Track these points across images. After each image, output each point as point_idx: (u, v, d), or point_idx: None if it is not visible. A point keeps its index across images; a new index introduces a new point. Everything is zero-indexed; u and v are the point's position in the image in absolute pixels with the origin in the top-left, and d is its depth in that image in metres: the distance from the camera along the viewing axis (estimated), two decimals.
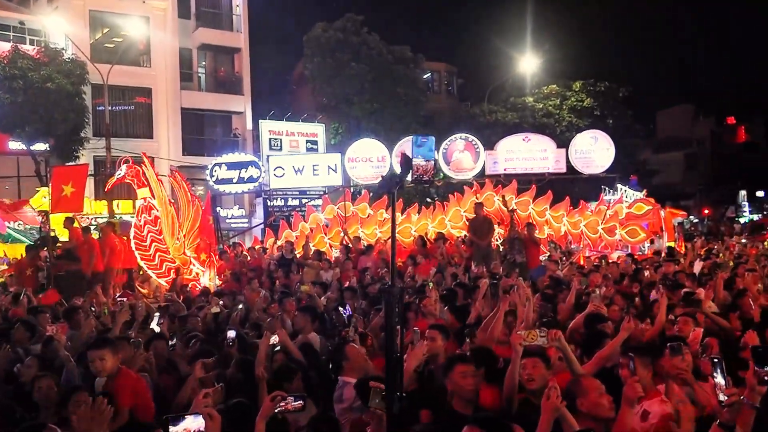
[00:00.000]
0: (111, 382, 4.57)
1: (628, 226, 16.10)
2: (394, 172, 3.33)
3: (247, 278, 11.96)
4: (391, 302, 2.67)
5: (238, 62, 29.75)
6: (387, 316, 2.74)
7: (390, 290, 2.70)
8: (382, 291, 2.77)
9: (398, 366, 2.66)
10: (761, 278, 9.84)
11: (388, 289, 2.71)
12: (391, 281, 2.79)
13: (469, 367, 4.14)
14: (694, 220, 47.41)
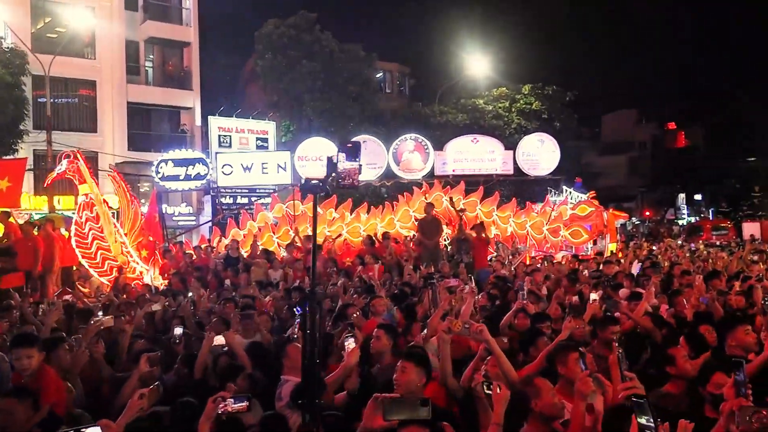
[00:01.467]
0: (34, 379, 4.55)
1: (571, 227, 16.50)
2: (338, 167, 3.29)
3: (193, 277, 11.79)
4: (314, 307, 2.66)
5: (188, 56, 29.18)
6: (309, 321, 2.71)
7: (311, 295, 2.69)
8: (304, 296, 2.77)
9: (316, 372, 2.65)
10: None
11: (309, 294, 2.70)
12: (311, 286, 2.78)
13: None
14: (636, 222, 48.90)
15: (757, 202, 44.67)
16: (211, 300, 9.22)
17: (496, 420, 3.40)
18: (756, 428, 2.27)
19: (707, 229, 35.39)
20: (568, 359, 4.10)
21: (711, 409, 3.68)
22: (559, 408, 3.56)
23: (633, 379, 2.79)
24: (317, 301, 2.72)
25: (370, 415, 2.87)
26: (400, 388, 3.91)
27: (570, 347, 4.26)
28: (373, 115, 31.20)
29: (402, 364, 4.04)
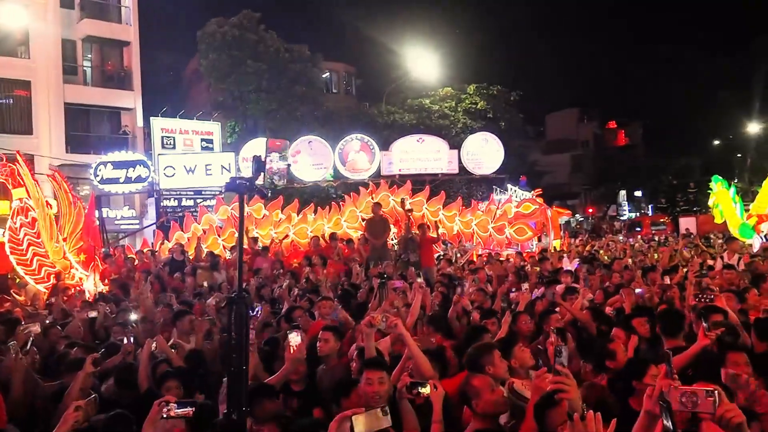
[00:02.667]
0: None
1: (516, 225, 16.80)
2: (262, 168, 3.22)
3: (135, 282, 11.51)
4: (241, 312, 2.62)
5: (128, 56, 28.40)
6: (235, 327, 2.65)
7: (237, 300, 2.66)
8: (230, 301, 2.72)
9: (242, 379, 2.61)
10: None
11: (235, 298, 2.67)
12: (238, 290, 2.75)
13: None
14: (579, 219, 50.17)
15: (693, 197, 46.43)
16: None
17: (436, 418, 3.44)
18: (689, 408, 2.37)
19: (646, 224, 36.61)
20: (493, 358, 4.15)
21: (639, 402, 3.77)
22: (501, 403, 3.56)
23: (567, 375, 2.83)
24: (244, 305, 2.69)
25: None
26: (381, 399, 3.84)
27: (490, 346, 4.30)
28: (320, 115, 31.08)
29: (379, 375, 3.99)
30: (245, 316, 2.65)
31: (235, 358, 2.56)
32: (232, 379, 2.59)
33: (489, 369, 4.06)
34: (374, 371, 3.99)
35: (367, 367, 4.09)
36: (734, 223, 20.14)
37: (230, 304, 2.67)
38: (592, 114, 64.09)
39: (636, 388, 3.87)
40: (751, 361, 4.29)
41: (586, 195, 57.25)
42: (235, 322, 2.62)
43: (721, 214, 21.68)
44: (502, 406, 3.54)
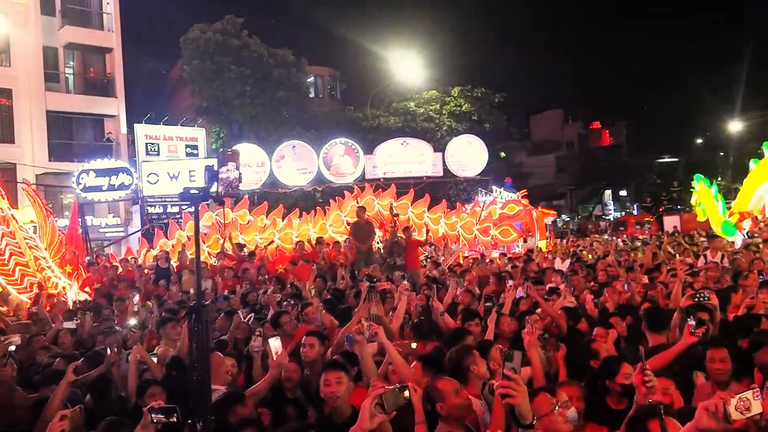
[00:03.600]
0: None
1: (501, 227, 16.88)
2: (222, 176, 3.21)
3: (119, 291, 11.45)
4: (202, 321, 2.61)
5: (110, 63, 28.23)
6: (196, 336, 2.64)
7: (198, 308, 2.64)
8: (190, 310, 2.71)
9: (205, 387, 2.60)
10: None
11: (195, 307, 2.65)
12: (197, 299, 2.74)
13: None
14: (566, 219, 50.44)
15: (676, 196, 46.82)
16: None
17: (419, 419, 3.45)
18: (745, 414, 2.41)
19: (631, 223, 36.85)
20: (475, 359, 4.17)
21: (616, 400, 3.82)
22: (465, 407, 3.55)
23: (515, 381, 2.83)
24: (206, 314, 2.67)
25: (369, 416, 2.81)
26: (336, 399, 3.88)
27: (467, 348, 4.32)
28: (305, 119, 31.05)
29: (336, 375, 4.00)
30: (206, 325, 2.64)
31: (198, 367, 2.54)
32: (196, 388, 2.57)
33: (473, 369, 4.08)
34: (332, 372, 4.00)
35: (325, 369, 4.10)
36: (716, 220, 20.36)
37: (190, 313, 2.66)
38: (576, 115, 64.48)
39: (610, 387, 3.91)
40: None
41: (572, 195, 57.58)
42: (196, 331, 2.60)
43: (704, 212, 21.92)
44: (466, 410, 3.54)
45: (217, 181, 3.07)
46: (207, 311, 2.67)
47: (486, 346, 4.75)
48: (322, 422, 4.06)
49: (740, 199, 20.39)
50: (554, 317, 6.57)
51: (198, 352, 2.58)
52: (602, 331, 5.83)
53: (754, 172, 19.29)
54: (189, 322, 2.66)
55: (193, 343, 2.61)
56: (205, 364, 2.57)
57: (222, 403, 4.25)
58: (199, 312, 2.64)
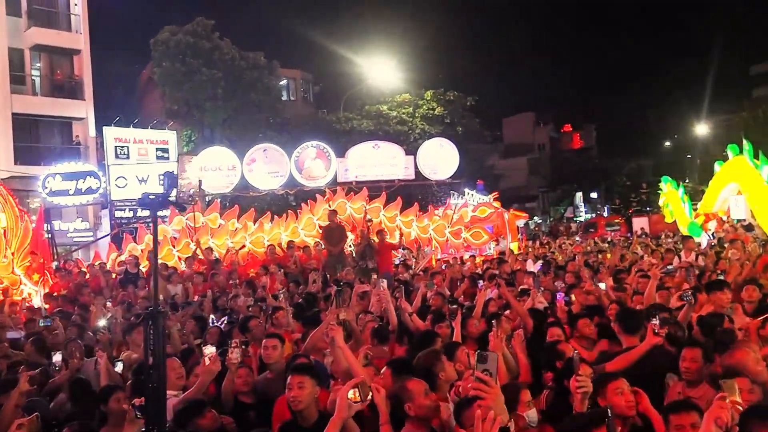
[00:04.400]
0: None
1: (472, 229, 16.97)
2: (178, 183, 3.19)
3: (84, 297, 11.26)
4: (158, 327, 2.58)
5: (78, 65, 27.78)
6: (152, 342, 2.61)
7: (154, 314, 2.61)
8: (146, 316, 2.68)
9: (160, 395, 2.57)
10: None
11: (152, 313, 2.62)
12: (153, 305, 2.71)
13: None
14: (538, 221, 50.93)
15: (645, 198, 47.57)
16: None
17: (383, 420, 3.47)
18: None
19: (601, 225, 37.33)
20: (443, 363, 4.19)
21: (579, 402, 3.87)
22: (433, 409, 3.57)
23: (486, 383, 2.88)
24: (162, 319, 2.65)
25: (347, 404, 2.93)
26: (300, 404, 3.85)
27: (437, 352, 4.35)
28: (277, 122, 30.90)
29: (299, 380, 3.97)
30: (162, 331, 2.61)
31: (152, 374, 2.51)
32: (151, 395, 2.54)
33: (441, 375, 4.10)
34: (295, 376, 3.97)
35: (290, 372, 4.08)
36: (683, 222, 20.75)
37: (146, 319, 2.63)
38: (547, 118, 65.26)
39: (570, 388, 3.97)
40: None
41: (544, 197, 58.18)
42: (152, 337, 2.57)
43: (671, 213, 22.33)
44: (434, 412, 3.57)
45: (176, 187, 3.05)
46: (163, 317, 2.63)
47: (453, 348, 4.78)
48: (288, 426, 4.04)
49: (706, 200, 20.82)
50: (523, 317, 6.66)
51: (154, 359, 2.55)
52: (557, 332, 5.94)
53: (719, 174, 19.70)
54: (145, 329, 2.62)
55: (149, 349, 2.58)
56: (161, 371, 2.54)
57: (183, 413, 4.21)
58: (156, 318, 2.61)
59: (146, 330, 2.62)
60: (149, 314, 2.65)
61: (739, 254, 10.33)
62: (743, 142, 17.64)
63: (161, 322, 2.63)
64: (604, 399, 3.63)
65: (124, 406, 4.26)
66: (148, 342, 2.62)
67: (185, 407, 4.23)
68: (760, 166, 16.47)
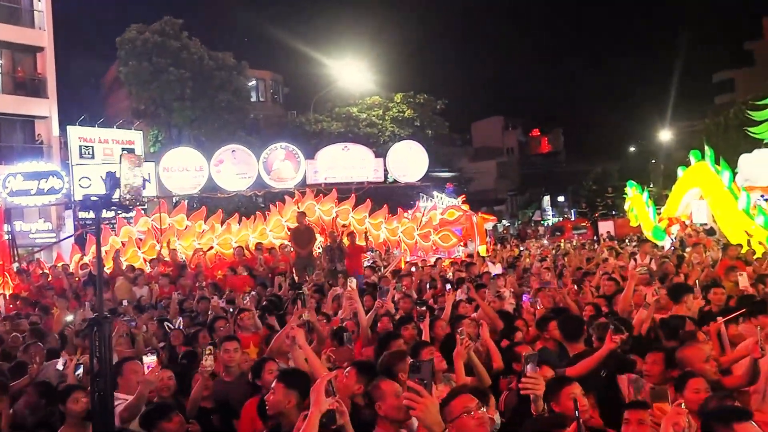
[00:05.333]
0: None
1: (441, 232, 17.05)
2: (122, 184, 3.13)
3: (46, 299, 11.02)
4: (103, 334, 2.53)
5: (41, 62, 27.16)
6: (98, 349, 2.54)
7: (100, 321, 2.55)
8: (92, 322, 2.63)
9: (107, 402, 2.51)
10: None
11: (97, 319, 2.56)
12: (99, 312, 2.66)
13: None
14: (506, 224, 51.36)
15: (611, 202, 48.34)
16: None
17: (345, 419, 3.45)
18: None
19: (568, 228, 37.80)
20: (405, 365, 4.18)
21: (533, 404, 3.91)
22: (404, 410, 3.56)
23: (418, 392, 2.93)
24: (107, 326, 2.59)
25: (323, 398, 3.02)
26: (271, 409, 3.80)
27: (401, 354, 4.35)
28: (246, 123, 30.64)
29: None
30: (108, 338, 2.55)
31: (99, 381, 2.45)
32: (97, 403, 2.48)
33: (401, 376, 4.09)
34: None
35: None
36: (648, 225, 21.12)
37: (92, 326, 2.57)
38: (516, 122, 65.92)
39: None
40: None
41: (512, 201, 58.74)
42: (98, 344, 2.51)
43: (636, 217, 22.71)
44: (404, 413, 3.55)
45: (119, 187, 2.99)
46: (109, 324, 2.57)
47: (417, 348, 4.79)
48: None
49: (669, 205, 21.21)
50: (493, 320, 6.72)
51: (100, 366, 2.49)
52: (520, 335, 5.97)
53: (682, 179, 20.09)
54: (90, 336, 2.56)
55: (95, 356, 2.51)
56: (106, 378, 2.48)
57: (149, 415, 4.14)
58: (101, 324, 2.55)
59: (91, 337, 2.56)
60: (94, 321, 2.59)
61: (699, 258, 10.57)
62: (705, 148, 18.02)
63: (106, 328, 2.56)
64: (557, 404, 3.67)
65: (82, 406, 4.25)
66: (93, 349, 2.55)
67: (152, 409, 4.16)
68: (721, 171, 16.84)
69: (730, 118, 33.30)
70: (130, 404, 4.13)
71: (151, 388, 4.25)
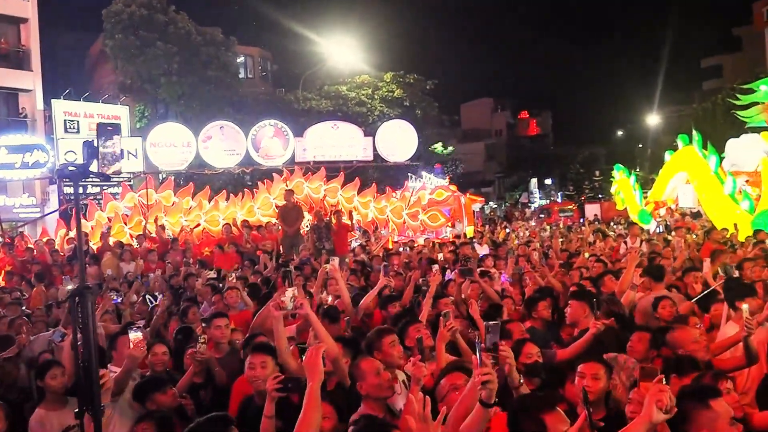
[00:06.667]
0: None
1: (429, 212, 17.07)
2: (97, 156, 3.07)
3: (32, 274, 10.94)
4: (86, 305, 2.48)
5: (25, 34, 26.65)
6: (81, 320, 2.51)
7: (82, 292, 2.50)
8: (73, 294, 2.58)
9: (92, 373, 2.48)
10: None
11: (78, 290, 2.52)
12: (81, 283, 2.61)
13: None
14: (493, 206, 51.56)
15: (598, 185, 48.61)
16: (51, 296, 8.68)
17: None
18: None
19: (555, 211, 38.09)
20: (382, 344, 4.18)
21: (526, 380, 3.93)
22: (384, 388, 3.56)
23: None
24: (90, 297, 2.55)
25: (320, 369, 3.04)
26: (260, 383, 3.84)
27: (383, 331, 4.34)
28: (234, 100, 30.33)
29: (261, 359, 4.03)
30: (91, 309, 2.52)
31: (83, 353, 2.42)
32: (83, 375, 2.45)
33: (377, 355, 4.10)
34: (257, 355, 4.05)
35: (252, 351, 4.12)
36: (634, 209, 21.28)
37: (73, 296, 2.53)
38: (505, 104, 65.86)
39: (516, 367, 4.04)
40: None
41: (500, 183, 58.87)
42: (81, 315, 2.48)
43: (623, 201, 22.88)
44: (386, 391, 3.56)
45: (97, 158, 2.94)
46: (92, 295, 2.54)
47: (405, 325, 4.79)
48: (247, 404, 4.03)
49: (656, 189, 21.38)
50: (493, 299, 6.82)
51: (84, 337, 2.45)
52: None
53: (669, 163, 20.23)
54: (72, 307, 2.52)
55: (78, 328, 2.47)
56: (90, 350, 2.45)
57: (143, 387, 4.14)
58: (83, 296, 2.51)
59: (74, 308, 2.52)
60: (75, 292, 2.55)
61: (682, 242, 10.69)
62: (693, 133, 18.12)
63: (89, 299, 2.53)
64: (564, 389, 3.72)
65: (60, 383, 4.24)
66: (76, 320, 2.51)
67: (146, 381, 4.17)
68: (708, 156, 16.96)
69: (717, 103, 33.47)
70: (116, 378, 4.13)
71: (136, 363, 4.25)
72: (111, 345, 4.97)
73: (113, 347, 4.88)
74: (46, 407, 4.34)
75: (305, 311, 4.28)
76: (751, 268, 7.55)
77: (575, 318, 5.44)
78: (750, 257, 8.72)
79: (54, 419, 4.22)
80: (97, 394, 2.47)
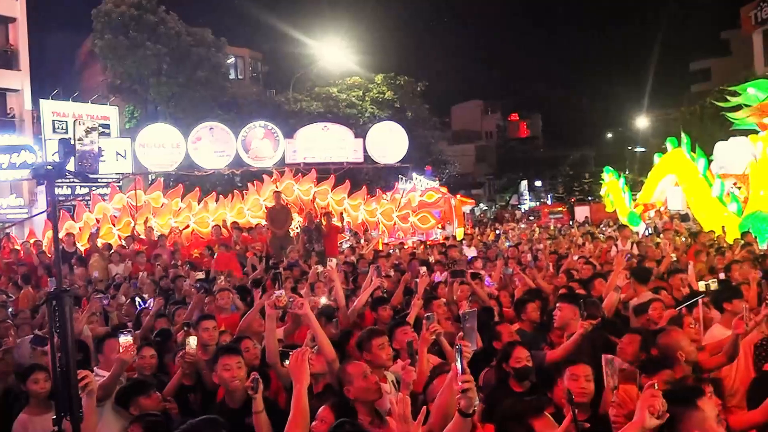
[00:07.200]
0: None
1: (419, 214, 17.08)
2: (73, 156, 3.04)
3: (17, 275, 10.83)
4: (63, 307, 2.44)
5: (14, 33, 26.45)
6: (58, 324, 2.47)
7: (59, 294, 2.47)
8: (50, 296, 2.55)
9: (69, 378, 2.43)
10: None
11: (56, 293, 2.48)
12: (58, 285, 2.57)
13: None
14: (483, 208, 51.68)
15: (587, 187, 48.82)
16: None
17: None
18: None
19: (545, 213, 38.20)
20: (371, 345, 4.17)
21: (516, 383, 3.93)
22: (372, 391, 3.55)
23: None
24: (67, 300, 2.51)
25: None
26: (235, 383, 3.91)
27: (373, 333, 4.32)
28: (225, 101, 30.23)
29: (237, 360, 4.06)
30: (69, 312, 2.48)
31: (61, 357, 2.39)
32: (60, 380, 2.41)
33: (365, 355, 4.10)
34: (232, 356, 4.06)
35: (224, 353, 4.12)
36: (623, 211, 21.37)
37: (50, 300, 2.49)
38: (495, 106, 66.04)
39: (506, 370, 4.05)
40: None
41: (490, 185, 59.01)
42: (58, 319, 2.44)
43: (612, 203, 22.97)
44: (373, 394, 3.55)
45: (74, 156, 2.90)
46: (69, 297, 2.50)
47: (392, 327, 4.79)
48: (215, 408, 4.05)
49: (645, 191, 21.48)
50: (485, 301, 6.86)
51: (61, 341, 2.41)
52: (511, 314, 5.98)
53: (658, 166, 20.33)
54: (48, 310, 2.49)
55: (55, 331, 2.44)
56: (68, 353, 2.41)
57: (126, 391, 4.10)
58: (60, 299, 2.47)
59: (50, 311, 2.48)
60: (53, 295, 2.51)
61: (669, 244, 10.75)
62: (681, 135, 18.22)
63: (66, 302, 2.49)
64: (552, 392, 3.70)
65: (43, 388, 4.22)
66: (53, 324, 2.47)
67: (130, 385, 4.13)
68: (696, 159, 17.07)
69: (706, 106, 33.67)
70: (104, 383, 4.09)
71: (125, 368, 4.21)
72: (98, 348, 4.92)
73: (100, 350, 4.83)
74: (30, 412, 4.29)
75: (305, 311, 4.26)
76: (739, 270, 7.61)
77: (564, 321, 5.44)
78: (738, 259, 8.78)
79: (37, 424, 4.17)
80: (76, 399, 2.43)
